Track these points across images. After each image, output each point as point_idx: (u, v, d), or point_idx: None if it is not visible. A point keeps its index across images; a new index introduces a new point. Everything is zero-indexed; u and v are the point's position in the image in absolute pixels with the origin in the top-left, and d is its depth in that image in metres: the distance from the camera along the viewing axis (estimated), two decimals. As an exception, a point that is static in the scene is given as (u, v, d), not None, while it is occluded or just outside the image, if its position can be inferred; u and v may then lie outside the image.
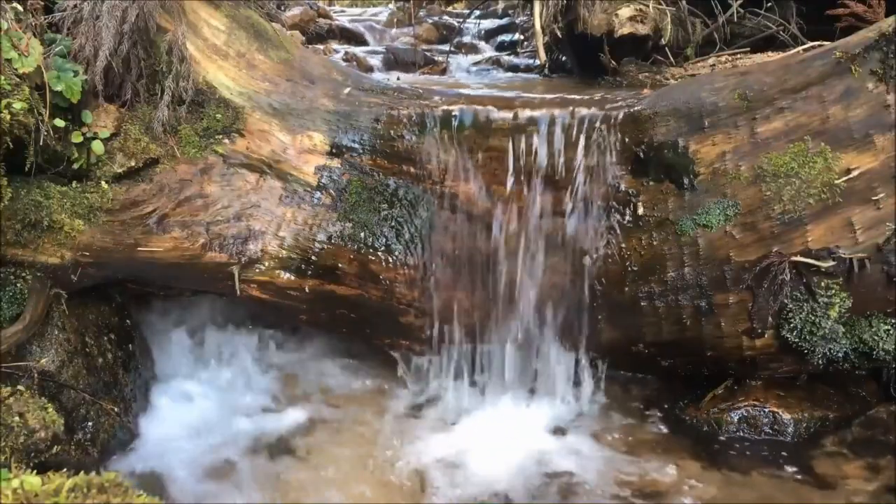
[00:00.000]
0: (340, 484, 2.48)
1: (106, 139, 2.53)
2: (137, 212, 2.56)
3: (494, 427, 2.77)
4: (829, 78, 2.47)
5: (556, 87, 3.73)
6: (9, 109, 2.18)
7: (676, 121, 2.60)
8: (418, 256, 2.70)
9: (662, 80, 3.60)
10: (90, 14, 2.49)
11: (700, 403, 2.80)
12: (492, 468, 2.55)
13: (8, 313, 2.37)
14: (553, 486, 2.47)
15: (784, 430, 2.67)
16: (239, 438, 2.71)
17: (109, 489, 1.30)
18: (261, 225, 2.65)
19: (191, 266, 2.62)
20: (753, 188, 2.50)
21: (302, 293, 2.70)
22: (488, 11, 7.10)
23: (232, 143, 2.67)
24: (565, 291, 2.69)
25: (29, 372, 2.30)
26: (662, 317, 2.62)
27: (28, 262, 2.45)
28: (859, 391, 2.83)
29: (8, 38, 2.25)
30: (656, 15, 3.75)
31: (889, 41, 2.40)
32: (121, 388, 2.65)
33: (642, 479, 2.50)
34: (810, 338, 2.48)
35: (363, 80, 3.00)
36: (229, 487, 2.46)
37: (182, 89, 2.58)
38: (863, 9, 3.07)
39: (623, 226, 2.63)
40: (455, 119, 2.67)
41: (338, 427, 2.81)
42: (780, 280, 2.45)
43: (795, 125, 2.49)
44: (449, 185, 2.70)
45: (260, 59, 2.80)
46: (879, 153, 2.39)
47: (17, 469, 1.49)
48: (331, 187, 2.72)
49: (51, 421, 2.22)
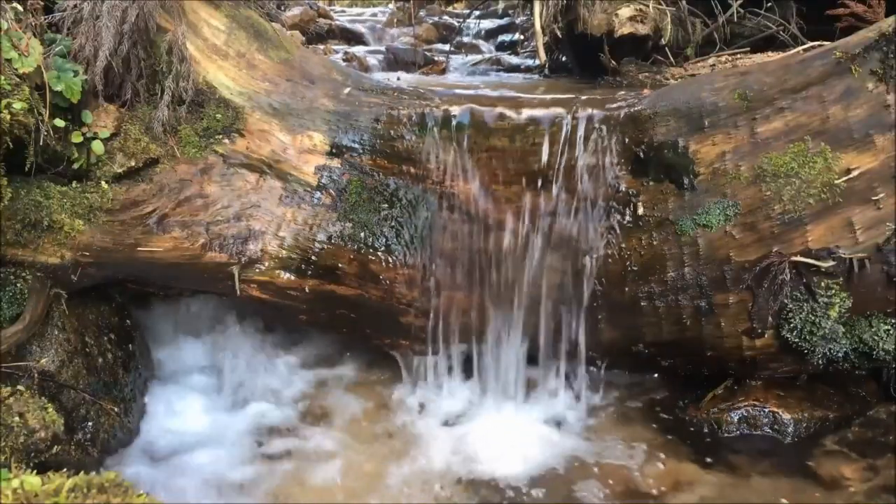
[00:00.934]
0: (342, 483, 2.48)
1: (106, 139, 2.53)
2: (137, 212, 2.56)
3: (494, 427, 2.77)
4: (829, 78, 2.47)
5: (556, 87, 3.72)
6: (9, 109, 2.18)
7: (676, 121, 2.60)
8: (418, 256, 2.70)
9: (662, 80, 3.60)
10: (90, 14, 2.49)
11: (700, 403, 2.80)
12: (491, 468, 2.55)
13: (8, 313, 2.37)
14: (552, 485, 2.47)
15: (784, 430, 2.67)
16: (239, 438, 2.71)
17: (109, 489, 1.30)
18: (261, 225, 2.65)
19: (191, 266, 2.62)
20: (753, 188, 2.50)
21: (302, 293, 2.70)
22: (488, 11, 7.10)
23: (232, 143, 2.68)
24: (565, 291, 2.69)
25: (29, 372, 2.30)
26: (662, 317, 2.62)
27: (28, 262, 2.44)
28: (859, 391, 2.83)
29: (8, 38, 2.25)
30: (656, 15, 3.75)
31: (889, 41, 2.40)
32: (121, 388, 2.65)
33: (642, 479, 2.49)
34: (810, 338, 2.48)
35: (363, 80, 3.00)
36: (230, 487, 2.46)
37: (182, 89, 2.58)
38: (863, 9, 3.07)
39: (623, 226, 2.63)
40: (455, 119, 2.67)
41: (338, 426, 2.81)
42: (780, 280, 2.45)
43: (795, 125, 2.49)
44: (449, 185, 2.70)
45: (260, 59, 2.80)
46: (879, 153, 2.39)
47: (17, 469, 1.50)
48: (331, 187, 2.72)
49: (51, 421, 2.22)
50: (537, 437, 2.73)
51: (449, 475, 2.52)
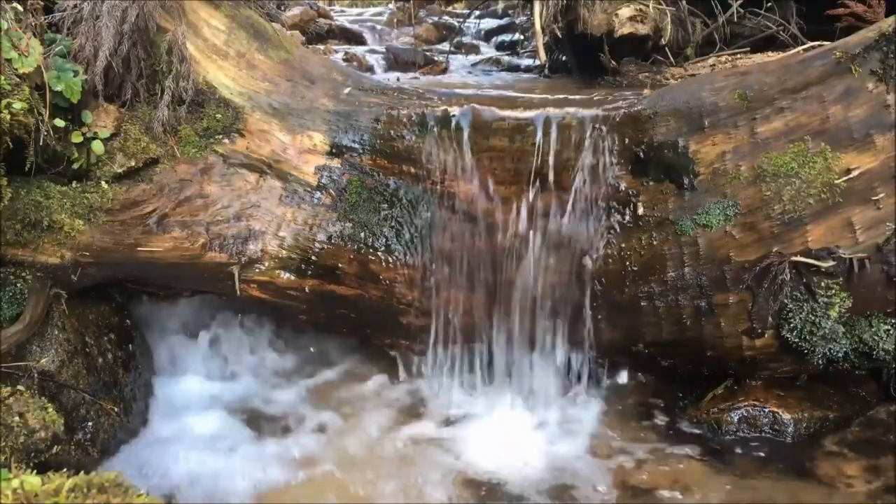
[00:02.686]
0: (340, 480, 2.49)
1: (106, 139, 2.53)
2: (137, 212, 2.56)
3: (493, 427, 2.77)
4: (829, 78, 2.47)
5: (556, 87, 3.72)
6: (9, 109, 2.18)
7: (676, 121, 2.60)
8: (418, 256, 2.70)
9: (662, 80, 3.60)
10: (90, 14, 2.49)
11: (700, 403, 2.80)
12: (491, 468, 2.55)
13: (8, 313, 2.37)
14: (551, 485, 2.47)
15: (784, 430, 2.67)
16: (239, 437, 2.71)
17: (109, 489, 1.30)
18: (261, 225, 2.65)
19: (191, 266, 2.62)
20: (753, 188, 2.50)
21: (302, 293, 2.70)
22: (488, 11, 7.10)
23: (232, 143, 2.68)
24: (565, 291, 2.69)
25: (29, 372, 2.30)
26: (662, 317, 2.62)
27: (28, 262, 2.45)
28: (859, 391, 2.83)
29: (8, 38, 2.25)
30: (656, 15, 3.75)
31: (889, 41, 2.40)
32: (121, 388, 2.65)
33: (642, 479, 2.49)
34: (810, 338, 2.48)
35: (363, 80, 3.00)
36: (230, 486, 2.46)
37: (182, 89, 2.58)
38: (863, 9, 3.07)
39: (623, 226, 2.63)
40: (455, 119, 2.67)
41: (339, 424, 2.81)
42: (780, 280, 2.45)
43: (795, 125, 2.49)
44: (449, 185, 2.70)
45: (260, 59, 2.80)
46: (879, 153, 2.39)
47: (17, 469, 1.50)
48: (331, 187, 2.72)
49: (51, 421, 2.22)
50: (537, 437, 2.73)
51: (448, 475, 2.52)
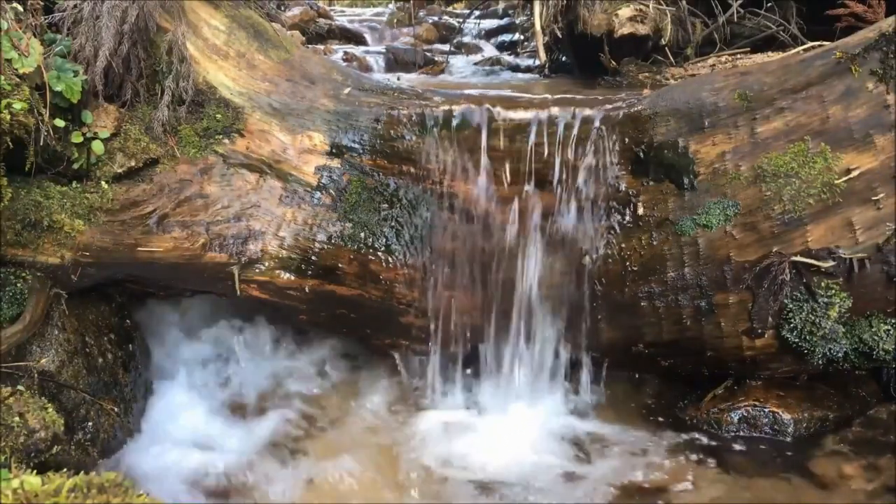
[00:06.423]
0: (340, 480, 2.48)
1: (106, 139, 2.53)
2: (137, 212, 2.56)
3: (493, 427, 2.77)
4: (829, 78, 2.47)
5: (557, 87, 3.72)
6: (9, 109, 2.18)
7: (676, 121, 2.60)
8: (418, 256, 2.69)
9: (662, 80, 3.60)
10: (90, 14, 2.49)
11: (700, 403, 2.80)
12: (490, 467, 2.55)
13: (8, 313, 2.37)
14: (551, 484, 2.47)
15: (784, 430, 2.67)
16: (239, 437, 2.71)
17: (109, 489, 1.30)
18: (261, 225, 2.65)
19: (191, 266, 2.62)
20: (753, 188, 2.50)
21: (302, 293, 2.70)
22: (488, 11, 7.11)
23: (232, 143, 2.68)
24: (565, 291, 2.69)
25: (29, 372, 2.30)
26: (662, 317, 2.62)
27: (28, 262, 2.45)
28: (859, 391, 2.83)
29: (8, 38, 2.25)
30: (656, 15, 3.75)
31: (889, 41, 2.40)
32: (121, 388, 2.65)
33: (641, 479, 2.49)
34: (810, 338, 2.48)
35: (363, 80, 3.00)
36: (230, 486, 2.46)
37: (182, 89, 2.58)
38: (863, 9, 3.07)
39: (623, 226, 2.63)
40: (455, 119, 2.67)
41: (339, 424, 2.81)
42: (780, 280, 2.45)
43: (795, 125, 2.49)
44: (449, 185, 2.70)
45: (260, 59, 2.80)
46: (879, 153, 2.39)
47: (17, 469, 1.50)
48: (331, 187, 2.72)
49: (51, 421, 2.22)
50: (537, 437, 2.73)
51: (447, 475, 2.52)
